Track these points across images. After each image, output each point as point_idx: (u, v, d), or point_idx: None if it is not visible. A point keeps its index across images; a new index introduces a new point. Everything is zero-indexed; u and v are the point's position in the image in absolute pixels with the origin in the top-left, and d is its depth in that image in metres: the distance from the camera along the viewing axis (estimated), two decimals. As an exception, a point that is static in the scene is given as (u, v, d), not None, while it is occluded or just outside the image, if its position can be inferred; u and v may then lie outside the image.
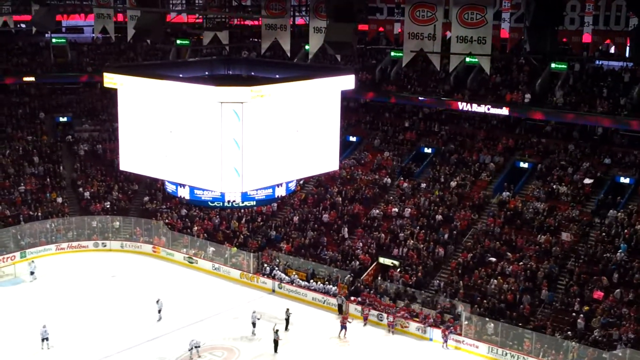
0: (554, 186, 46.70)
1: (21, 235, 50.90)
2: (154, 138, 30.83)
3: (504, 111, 49.43)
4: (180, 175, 31.24)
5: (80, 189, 56.37)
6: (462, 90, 52.69)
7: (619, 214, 43.08)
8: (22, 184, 55.16)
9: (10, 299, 43.75)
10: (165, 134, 30.40)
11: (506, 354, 37.18)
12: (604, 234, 42.41)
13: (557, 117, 48.90)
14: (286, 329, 39.14)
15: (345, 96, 39.77)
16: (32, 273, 46.70)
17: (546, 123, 50.67)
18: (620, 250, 40.77)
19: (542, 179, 47.84)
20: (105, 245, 52.62)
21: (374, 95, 56.17)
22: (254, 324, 39.35)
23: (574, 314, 38.06)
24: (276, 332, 37.69)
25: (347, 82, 27.80)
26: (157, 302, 40.85)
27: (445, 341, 38.66)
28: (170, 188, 32.71)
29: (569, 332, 36.96)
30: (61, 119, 62.23)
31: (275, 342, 37.38)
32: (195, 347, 36.29)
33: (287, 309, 39.99)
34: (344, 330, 39.46)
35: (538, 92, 50.01)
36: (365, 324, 40.74)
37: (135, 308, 42.18)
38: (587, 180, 46.01)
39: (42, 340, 37.15)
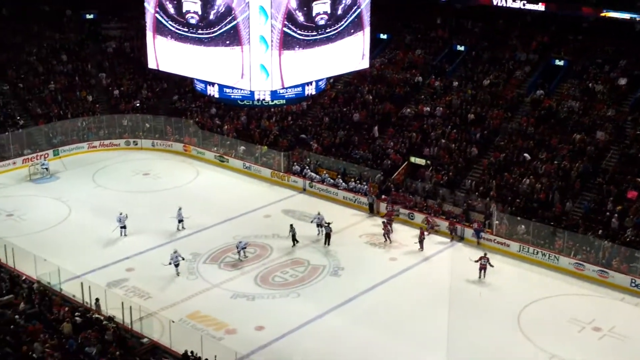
0: (590, 84, 45.71)
1: (53, 133, 51.24)
2: (182, 36, 30.48)
3: (540, 7, 47.79)
4: (209, 74, 31.04)
5: (110, 88, 56.27)
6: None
7: (656, 112, 42.26)
8: (52, 82, 55.11)
9: (51, 193, 44.54)
10: (193, 31, 30.04)
11: (537, 252, 37.25)
12: (639, 132, 41.68)
13: (595, 13, 47.24)
14: (293, 245, 38.52)
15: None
16: (46, 169, 47.27)
17: (583, 19, 49.11)
18: (655, 150, 40.17)
19: (578, 77, 46.78)
20: (136, 144, 52.91)
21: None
22: (319, 226, 39.26)
23: (607, 213, 37.83)
24: (328, 225, 38.42)
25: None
26: (179, 210, 40.13)
27: (478, 238, 38.76)
28: (199, 86, 32.55)
29: (600, 231, 36.84)
30: (88, 16, 61.47)
31: (327, 236, 38.34)
32: (242, 248, 36.71)
33: (291, 225, 38.77)
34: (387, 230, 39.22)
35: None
36: (391, 222, 40.37)
37: (167, 205, 42.61)
38: (622, 81, 44.92)
39: (121, 227, 38.79)
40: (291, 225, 38.57)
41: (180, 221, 40.01)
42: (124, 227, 38.74)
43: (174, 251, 35.11)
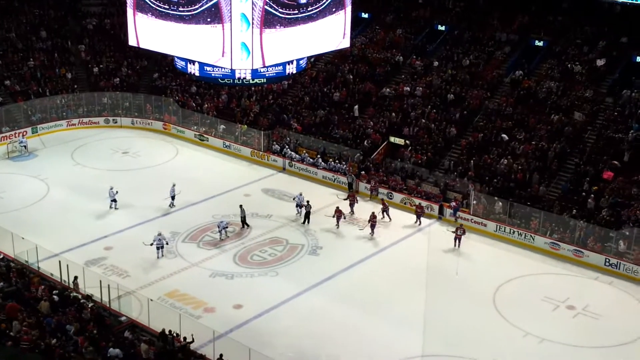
0: (569, 65, 45.97)
1: (32, 110, 50.91)
2: (163, 13, 30.33)
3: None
4: (190, 52, 30.94)
5: (90, 65, 55.91)
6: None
7: (633, 94, 42.53)
8: (31, 59, 54.67)
9: (29, 171, 44.37)
10: (174, 9, 29.89)
11: (513, 232, 37.63)
12: (616, 113, 42.05)
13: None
14: (242, 227, 38.10)
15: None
16: (25, 147, 47.05)
17: None
18: (632, 131, 40.49)
19: (557, 57, 47.03)
20: (115, 122, 52.71)
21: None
22: (298, 206, 39.27)
23: (583, 193, 38.23)
24: (307, 203, 38.67)
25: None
26: (173, 187, 40.32)
27: (455, 216, 39.11)
28: (180, 64, 32.43)
29: (574, 211, 37.23)
30: (68, -7, 60.94)
31: (307, 215, 38.55)
32: (224, 228, 36.77)
33: (241, 206, 38.12)
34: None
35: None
36: (371, 197, 40.65)
37: (147, 184, 42.64)
38: (600, 62, 45.21)
39: (111, 201, 39.20)
40: (240, 207, 38.01)
41: (173, 197, 40.10)
42: (114, 200, 39.01)
43: (159, 233, 35.01)
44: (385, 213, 39.19)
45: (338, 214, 38.49)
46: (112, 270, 33.43)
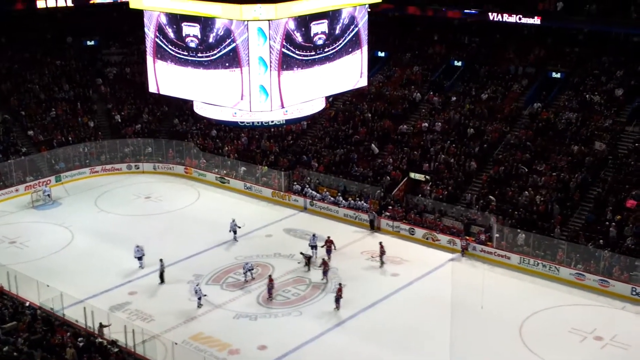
0: (587, 96, 45.93)
1: (55, 159, 51.62)
2: (182, 59, 30.89)
3: (536, 21, 48.12)
4: (209, 96, 31.41)
5: (112, 113, 56.74)
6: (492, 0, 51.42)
7: (653, 121, 42.44)
8: (54, 109, 55.58)
9: (53, 219, 44.77)
10: (193, 55, 30.45)
11: (538, 264, 37.34)
12: (637, 143, 41.84)
13: (590, 25, 47.62)
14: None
15: (373, 10, 39.34)
16: (48, 196, 47.52)
17: (579, 32, 49.45)
18: (654, 159, 40.31)
19: (575, 89, 47.03)
20: (138, 168, 53.24)
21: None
22: (312, 247, 38.97)
23: (606, 222, 37.93)
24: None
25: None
26: (233, 222, 40.96)
27: (463, 250, 39.15)
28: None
29: (601, 241, 36.92)
30: (88, 43, 62.00)
31: (308, 259, 38.03)
32: (249, 270, 36.84)
33: (160, 260, 37.13)
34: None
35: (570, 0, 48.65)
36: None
37: (170, 228, 42.90)
38: (619, 91, 45.14)
39: (139, 258, 37.97)
40: (160, 260, 36.96)
41: (234, 232, 40.69)
42: (140, 258, 37.98)
43: (197, 284, 35.28)
44: (380, 257, 38.53)
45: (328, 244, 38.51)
46: (136, 314, 33.53)
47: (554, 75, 48.64)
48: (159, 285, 36.52)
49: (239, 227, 41.22)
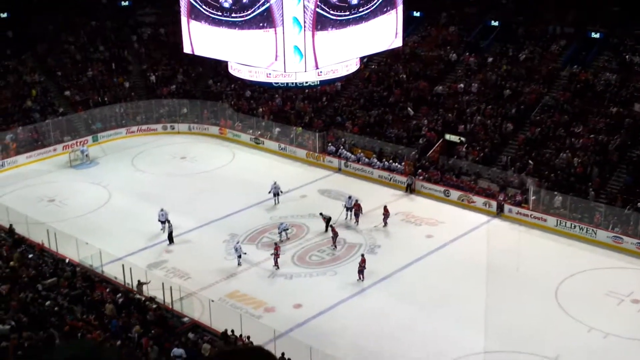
0: (627, 57, 45.09)
1: (92, 120, 52.08)
2: (216, 19, 30.77)
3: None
4: (243, 57, 31.31)
5: (147, 74, 56.95)
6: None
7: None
8: (90, 70, 55.91)
9: (91, 179, 45.33)
10: (227, 15, 30.31)
11: (574, 226, 37.04)
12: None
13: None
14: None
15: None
16: (87, 155, 48.07)
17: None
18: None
19: (614, 49, 46.18)
20: (173, 128, 53.54)
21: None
22: (347, 209, 38.99)
23: (645, 186, 37.50)
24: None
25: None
26: (274, 184, 40.87)
27: (500, 208, 38.88)
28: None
29: (639, 204, 36.50)
30: (123, 3, 62.02)
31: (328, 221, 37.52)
32: (284, 230, 37.02)
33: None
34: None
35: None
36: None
37: (205, 188, 43.18)
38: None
39: (163, 222, 37.57)
40: (168, 221, 36.94)
41: (276, 195, 40.69)
42: (164, 222, 37.51)
43: (237, 242, 35.47)
44: (384, 220, 38.42)
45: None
46: (173, 272, 33.96)
47: (593, 35, 47.77)
48: (167, 245, 36.57)
49: (282, 192, 41.05)
